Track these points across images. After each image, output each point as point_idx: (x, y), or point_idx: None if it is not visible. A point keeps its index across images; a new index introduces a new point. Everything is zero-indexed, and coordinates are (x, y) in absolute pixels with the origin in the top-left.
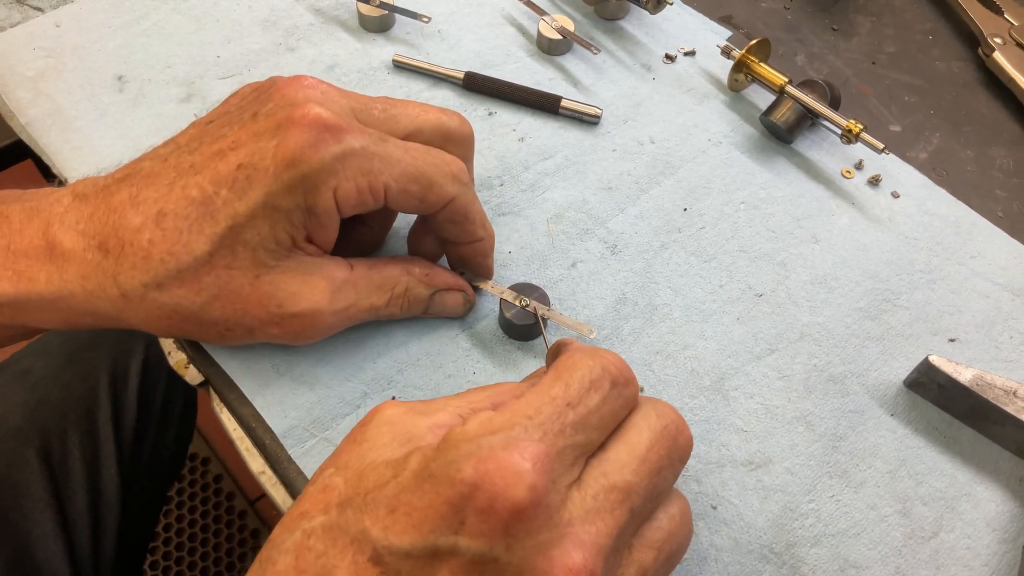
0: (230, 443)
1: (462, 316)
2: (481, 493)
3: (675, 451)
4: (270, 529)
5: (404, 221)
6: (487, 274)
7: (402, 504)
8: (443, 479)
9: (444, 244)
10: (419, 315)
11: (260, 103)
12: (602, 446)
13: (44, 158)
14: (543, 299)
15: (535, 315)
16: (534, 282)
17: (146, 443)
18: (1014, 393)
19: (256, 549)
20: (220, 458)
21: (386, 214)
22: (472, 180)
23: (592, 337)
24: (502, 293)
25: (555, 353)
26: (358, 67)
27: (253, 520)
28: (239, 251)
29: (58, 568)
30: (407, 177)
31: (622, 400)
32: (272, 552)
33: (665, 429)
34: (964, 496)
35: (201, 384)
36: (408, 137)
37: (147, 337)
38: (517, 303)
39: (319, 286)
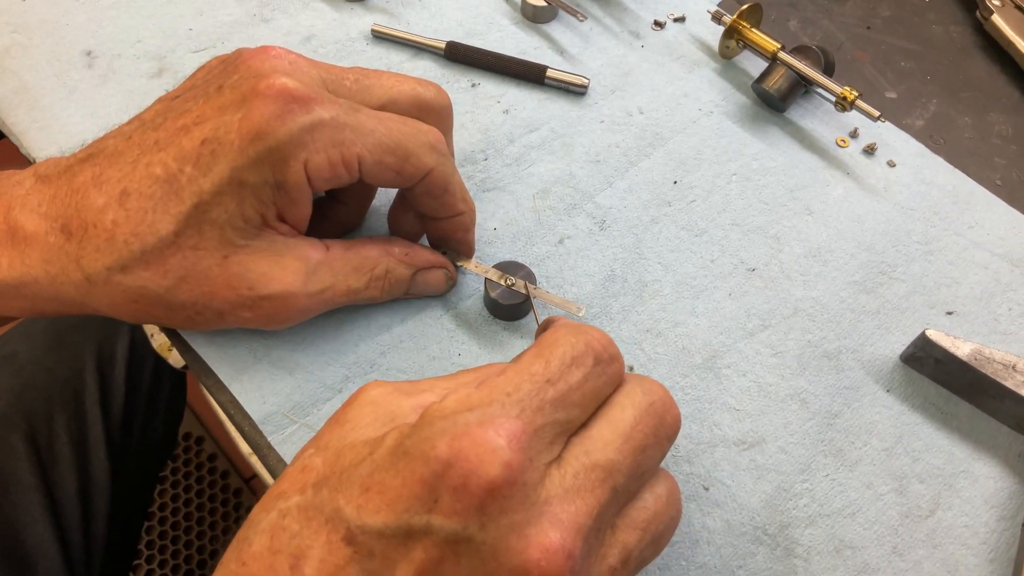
0: (222, 422)
1: (444, 294)
2: (454, 470)
3: (661, 429)
4: None
5: (384, 200)
6: (468, 250)
7: (376, 483)
8: (417, 456)
9: (424, 220)
10: (400, 296)
11: (226, 75)
12: (585, 424)
13: (11, 138)
14: (529, 277)
15: (522, 294)
16: (520, 260)
17: (135, 425)
18: (1013, 367)
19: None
20: (214, 437)
21: (364, 191)
22: (452, 152)
23: (581, 315)
24: (487, 272)
25: (543, 330)
26: (335, 38)
27: (248, 498)
28: (206, 230)
29: (48, 553)
30: (382, 148)
31: (605, 377)
32: (248, 532)
33: (651, 406)
34: (962, 473)
35: (185, 367)
36: (382, 108)
37: None
38: (502, 282)
39: (292, 267)
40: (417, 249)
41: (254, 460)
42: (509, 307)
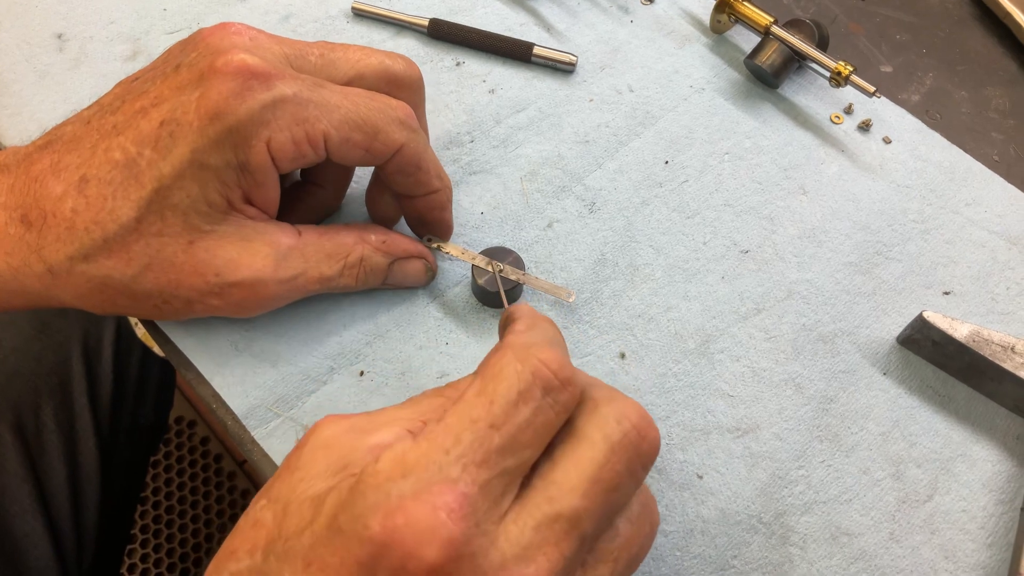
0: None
1: (425, 285)
2: (391, 552)
3: (637, 459)
4: (259, 489)
5: (363, 183)
6: (447, 229)
7: (316, 559)
8: (351, 535)
9: (400, 201)
10: (377, 286)
11: (184, 54)
12: (549, 456)
13: None
14: (517, 263)
15: (511, 280)
16: (508, 245)
17: (124, 412)
18: (1012, 349)
19: (246, 509)
20: (206, 420)
21: (339, 173)
22: (424, 127)
23: (571, 300)
24: (474, 259)
25: (502, 327)
26: (314, 16)
27: (243, 480)
28: (168, 216)
29: (38, 542)
30: (348, 124)
31: (559, 407)
32: None
33: (624, 437)
34: (959, 457)
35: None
36: (349, 84)
37: None
38: (490, 269)
39: (261, 252)
40: (395, 237)
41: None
42: (498, 294)
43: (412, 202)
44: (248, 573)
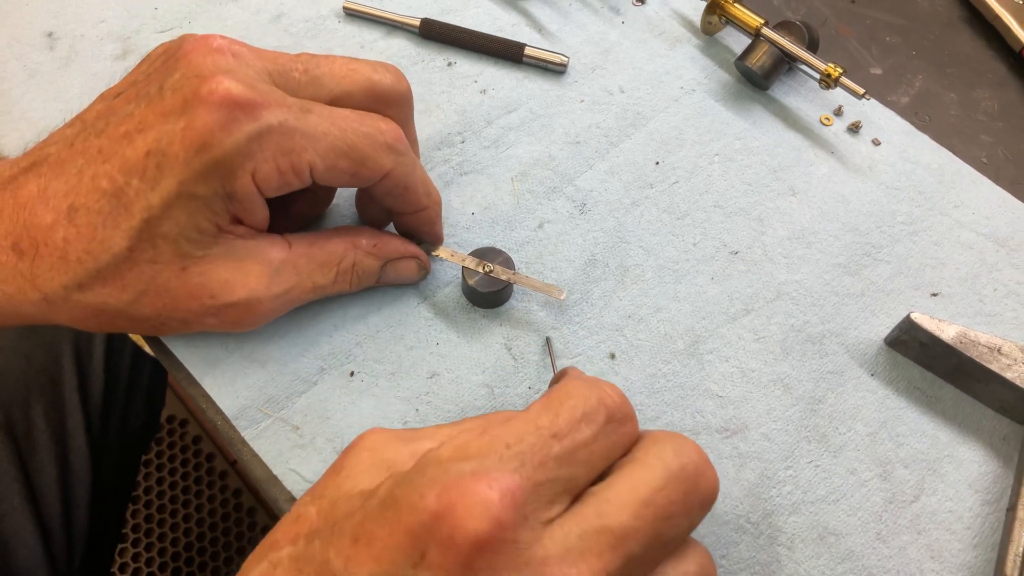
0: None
1: (418, 282)
2: (442, 523)
3: (693, 496)
4: (250, 488)
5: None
6: (436, 240)
7: (364, 533)
8: (405, 506)
9: (389, 212)
10: (372, 286)
11: (167, 72)
12: (604, 482)
13: None
14: (507, 263)
15: (501, 281)
16: (499, 246)
17: (115, 411)
18: (998, 350)
19: (237, 509)
20: (198, 420)
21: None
22: (414, 140)
23: (562, 298)
24: (464, 260)
25: (556, 380)
26: (305, 16)
27: (234, 480)
28: (160, 244)
29: (27, 541)
30: (335, 152)
31: (617, 436)
32: None
33: (683, 469)
34: (946, 457)
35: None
36: (335, 101)
37: None
38: (480, 269)
39: (254, 271)
40: (386, 239)
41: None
42: (488, 294)
43: (401, 217)
44: (290, 558)
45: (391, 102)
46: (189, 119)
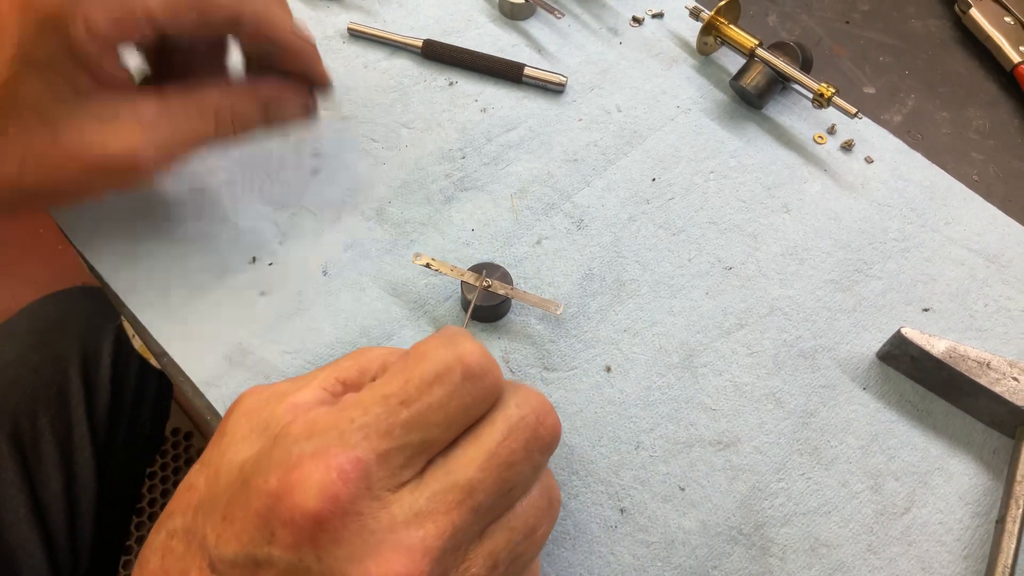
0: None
1: (307, 119)
2: (283, 504)
3: (534, 442)
4: None
5: None
6: (322, 81)
7: (229, 512)
8: (254, 489)
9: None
10: (263, 132)
11: None
12: (453, 443)
13: None
14: (505, 278)
15: (500, 295)
16: (498, 261)
17: (121, 423)
18: (987, 364)
19: None
20: (202, 432)
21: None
22: None
23: (558, 313)
24: (462, 275)
25: None
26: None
27: None
28: (24, 112)
29: (32, 552)
30: None
31: (476, 393)
32: (145, 551)
33: (522, 420)
34: (937, 470)
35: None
36: None
37: (117, 317)
38: (478, 284)
39: (126, 125)
40: (263, 80)
41: None
42: (486, 308)
43: (282, 66)
44: (183, 530)
45: None
46: None
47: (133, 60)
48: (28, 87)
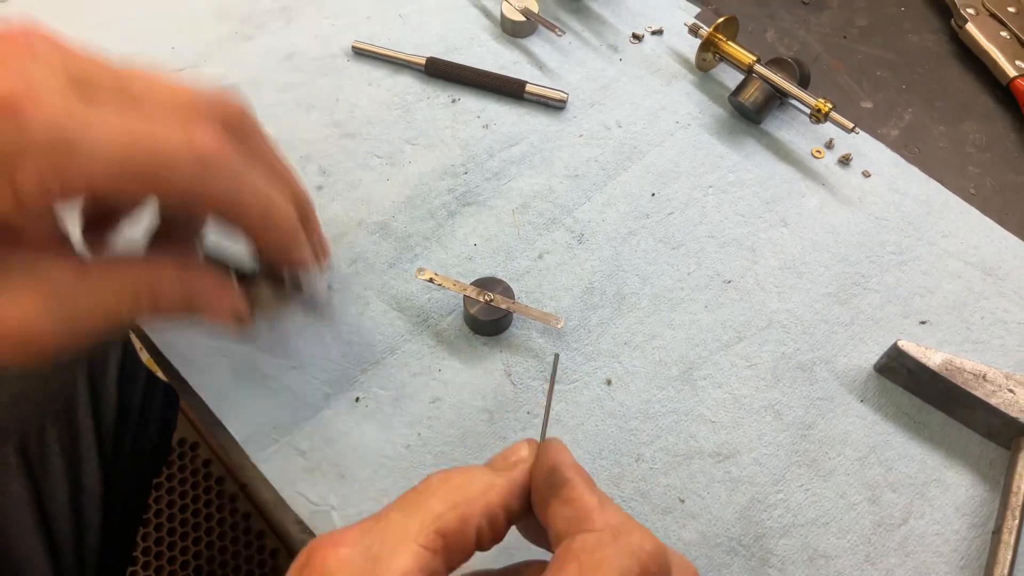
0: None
1: (233, 329)
2: None
3: None
4: (261, 513)
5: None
6: (297, 266)
7: None
8: None
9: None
10: (183, 319)
11: None
12: None
13: None
14: (507, 292)
15: (502, 309)
16: (500, 275)
17: (128, 435)
18: (983, 377)
19: (247, 532)
20: (208, 443)
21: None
22: (265, 161)
23: (560, 327)
24: (465, 290)
25: (546, 473)
26: (316, 55)
27: (244, 504)
28: None
29: (39, 565)
30: (122, 169)
31: None
32: None
33: None
34: (934, 481)
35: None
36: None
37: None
38: (481, 299)
39: (28, 295)
40: (196, 271)
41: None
42: (488, 323)
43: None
44: None
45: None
46: None
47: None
48: None
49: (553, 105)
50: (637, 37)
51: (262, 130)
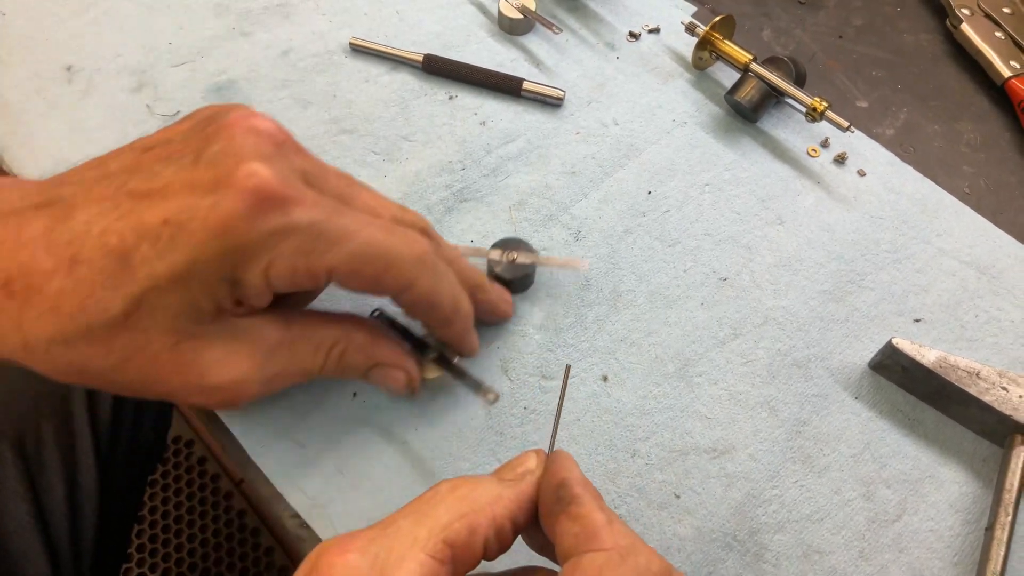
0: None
1: (404, 396)
2: None
3: None
4: (256, 510)
5: None
6: (468, 353)
7: None
8: None
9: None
10: (355, 379)
11: (206, 141)
12: None
13: None
14: (528, 248)
15: (526, 265)
16: None
17: (123, 431)
18: (977, 374)
19: (242, 529)
20: (204, 440)
21: None
22: (446, 256)
23: (584, 268)
24: (488, 254)
25: (557, 491)
26: (314, 51)
27: (240, 500)
28: (157, 315)
29: (35, 560)
30: (359, 259)
31: None
32: None
33: None
34: (928, 478)
35: None
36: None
37: None
38: (505, 259)
39: (246, 352)
40: (381, 342)
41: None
42: (514, 281)
43: (429, 327)
44: None
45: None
46: (216, 199)
47: None
48: (176, 296)
49: (550, 103)
50: (634, 35)
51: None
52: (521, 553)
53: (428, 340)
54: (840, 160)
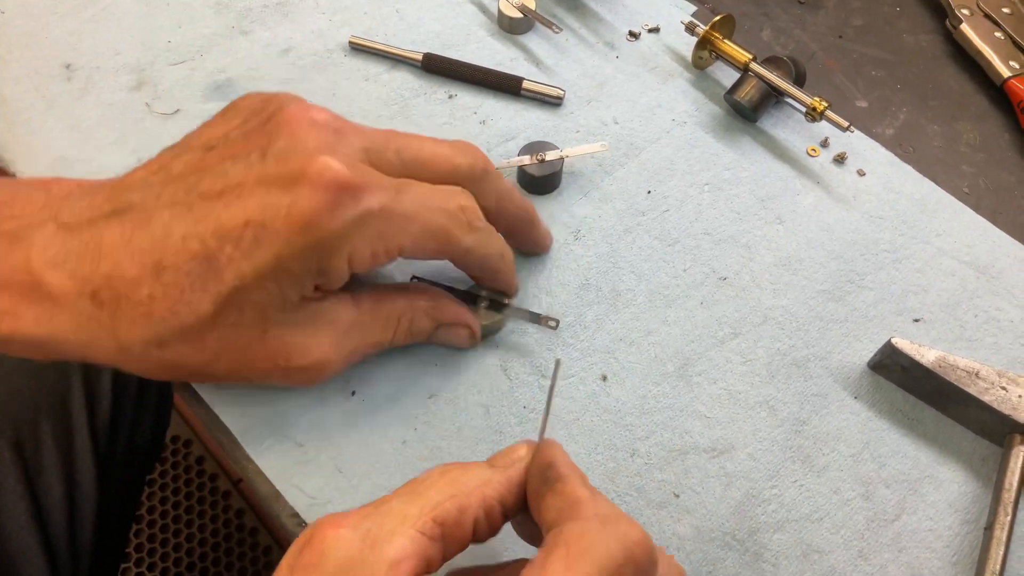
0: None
1: (467, 347)
2: None
3: None
4: (254, 510)
5: None
6: (512, 292)
7: None
8: None
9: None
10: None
11: (268, 137)
12: None
13: None
14: (552, 147)
15: (555, 162)
16: None
17: (122, 430)
18: (976, 374)
19: (240, 529)
20: (202, 440)
21: None
22: (497, 200)
23: (606, 150)
24: (519, 161)
25: (543, 472)
26: (313, 50)
27: (237, 500)
28: (246, 309)
29: (33, 560)
30: (425, 235)
31: None
32: None
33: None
34: (927, 478)
35: None
36: (419, 175)
37: None
38: (535, 160)
39: (327, 333)
40: (443, 303)
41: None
42: (544, 178)
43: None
44: None
45: (472, 179)
46: (295, 197)
47: None
48: (264, 292)
49: (550, 102)
50: (634, 35)
51: (495, 171)
52: (519, 551)
53: (474, 291)
54: (840, 160)
